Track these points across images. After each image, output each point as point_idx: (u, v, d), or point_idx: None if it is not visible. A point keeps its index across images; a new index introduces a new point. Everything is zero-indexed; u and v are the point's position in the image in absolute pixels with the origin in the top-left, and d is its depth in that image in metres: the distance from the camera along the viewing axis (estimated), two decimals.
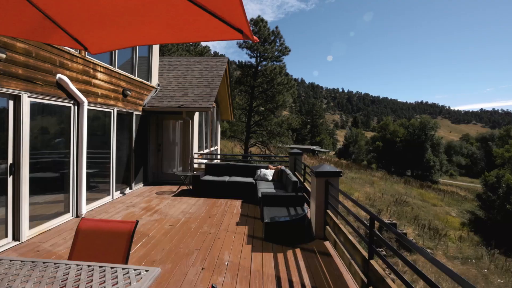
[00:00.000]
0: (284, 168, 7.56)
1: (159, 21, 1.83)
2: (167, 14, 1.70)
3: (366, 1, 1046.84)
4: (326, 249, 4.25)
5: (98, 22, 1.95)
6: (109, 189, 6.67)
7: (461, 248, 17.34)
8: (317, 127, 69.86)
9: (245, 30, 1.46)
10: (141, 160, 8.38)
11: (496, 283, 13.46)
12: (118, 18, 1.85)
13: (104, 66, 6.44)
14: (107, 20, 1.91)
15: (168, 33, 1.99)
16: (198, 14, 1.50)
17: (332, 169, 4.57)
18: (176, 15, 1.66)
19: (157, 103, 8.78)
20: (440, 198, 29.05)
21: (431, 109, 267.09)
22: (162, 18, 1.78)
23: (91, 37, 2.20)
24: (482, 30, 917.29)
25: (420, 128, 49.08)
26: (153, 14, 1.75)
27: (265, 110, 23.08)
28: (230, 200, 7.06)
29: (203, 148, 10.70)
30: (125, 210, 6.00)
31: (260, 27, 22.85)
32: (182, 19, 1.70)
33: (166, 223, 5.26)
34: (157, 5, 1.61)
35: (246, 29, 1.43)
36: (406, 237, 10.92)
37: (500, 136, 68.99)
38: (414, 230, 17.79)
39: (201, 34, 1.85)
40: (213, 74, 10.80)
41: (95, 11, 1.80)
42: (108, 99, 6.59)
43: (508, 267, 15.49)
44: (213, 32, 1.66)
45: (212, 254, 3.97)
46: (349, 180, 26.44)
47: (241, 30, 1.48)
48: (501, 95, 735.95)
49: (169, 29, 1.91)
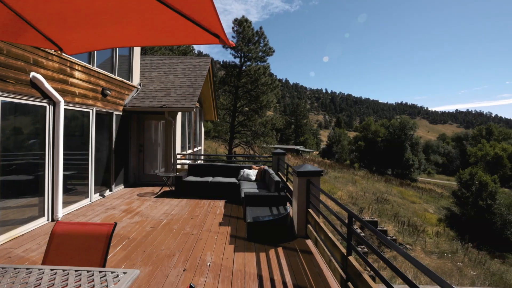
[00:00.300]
0: (267, 168, 7.61)
1: (136, 24, 1.83)
2: (144, 18, 1.70)
3: (348, 4, 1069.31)
4: (307, 247, 4.33)
5: (74, 23, 1.92)
6: (87, 192, 6.47)
7: (438, 243, 18.08)
8: (301, 127, 70.67)
9: (221, 35, 1.49)
10: (122, 161, 8.18)
11: (469, 275, 14.12)
12: (95, 19, 1.83)
13: (82, 64, 6.25)
14: (83, 21, 1.89)
15: (145, 36, 1.98)
16: (175, 18, 1.51)
17: (313, 169, 4.65)
18: (153, 19, 1.66)
19: (138, 103, 8.60)
20: (419, 195, 30.14)
21: (410, 110, 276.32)
22: (139, 21, 1.78)
23: (66, 38, 2.16)
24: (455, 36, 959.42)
25: (400, 128, 50.73)
26: (130, 17, 1.74)
27: (249, 110, 23.10)
28: (213, 201, 7.03)
29: (186, 149, 10.58)
30: (104, 212, 5.85)
31: (244, 27, 22.86)
32: (159, 23, 1.70)
33: (148, 225, 5.17)
34: (134, 9, 1.61)
35: (222, 34, 1.47)
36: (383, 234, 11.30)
37: (473, 136, 72.57)
38: (395, 227, 18.38)
39: (178, 38, 1.85)
40: (196, 74, 10.71)
41: (71, 12, 1.77)
42: (86, 99, 6.40)
43: (480, 260, 16.29)
44: (190, 36, 1.67)
45: (194, 255, 3.94)
46: (332, 179, 26.93)
47: (217, 35, 1.51)
48: (474, 97, 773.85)
49: (146, 32, 1.91)
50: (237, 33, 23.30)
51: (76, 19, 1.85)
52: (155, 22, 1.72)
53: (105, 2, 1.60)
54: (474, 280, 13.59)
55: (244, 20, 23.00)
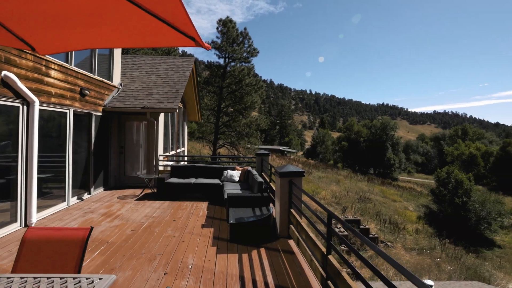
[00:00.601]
0: (250, 169, 7.62)
1: (111, 26, 1.80)
2: (120, 20, 1.68)
3: (331, 7, 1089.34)
4: (290, 247, 4.36)
5: (46, 22, 1.87)
6: (64, 195, 6.24)
7: (418, 240, 18.71)
8: (286, 127, 71.28)
9: (196, 38, 1.49)
10: (102, 163, 7.95)
11: (447, 270, 14.70)
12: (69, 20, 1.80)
13: (59, 63, 6.03)
14: (57, 22, 1.85)
15: (121, 38, 1.95)
16: (151, 21, 1.50)
17: (295, 169, 4.69)
18: (129, 21, 1.65)
19: (119, 104, 8.39)
20: (399, 194, 31.07)
21: (391, 111, 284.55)
22: (115, 23, 1.75)
23: (39, 37, 2.10)
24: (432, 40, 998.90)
25: (381, 128, 52.14)
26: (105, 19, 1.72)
27: (234, 111, 23.05)
28: (196, 202, 6.97)
29: (169, 150, 10.42)
30: (82, 216, 5.66)
31: (229, 28, 22.81)
32: (134, 25, 1.69)
33: (128, 228, 5.05)
34: (109, 11, 1.58)
35: (197, 37, 1.48)
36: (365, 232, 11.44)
37: (450, 136, 75.71)
38: (376, 225, 18.85)
39: (154, 40, 1.84)
40: (179, 74, 10.57)
41: (43, 12, 1.72)
42: (63, 99, 6.18)
43: (456, 255, 16.99)
44: (166, 38, 1.67)
45: (175, 258, 3.89)
46: (317, 179, 27.30)
47: (193, 38, 1.51)
48: (451, 99, 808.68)
49: (122, 34, 1.88)
50: (221, 33, 23.22)
51: (48, 19, 1.81)
52: (130, 24, 1.70)
53: (79, 3, 1.57)
54: (451, 275, 14.16)
55: (228, 20, 22.94)
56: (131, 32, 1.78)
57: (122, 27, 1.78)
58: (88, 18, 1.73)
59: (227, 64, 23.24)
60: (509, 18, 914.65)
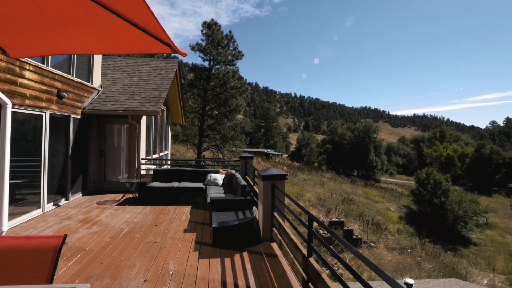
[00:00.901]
0: (234, 172, 7.59)
1: (87, 31, 1.77)
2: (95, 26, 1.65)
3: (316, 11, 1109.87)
4: (272, 250, 4.37)
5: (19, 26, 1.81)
6: (39, 201, 5.99)
7: (399, 239, 19.21)
8: (271, 130, 71.71)
9: (171, 44, 1.49)
10: (80, 168, 7.69)
11: (426, 268, 15.15)
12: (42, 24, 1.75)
13: (35, 64, 5.81)
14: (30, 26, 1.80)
15: (97, 44, 1.92)
16: (125, 26, 1.49)
17: (278, 173, 4.72)
18: (102, 26, 1.62)
19: (99, 106, 8.17)
20: (382, 195, 31.85)
21: (374, 114, 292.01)
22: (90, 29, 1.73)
23: (11, 41, 2.04)
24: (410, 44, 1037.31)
25: (364, 131, 53.38)
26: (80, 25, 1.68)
27: (219, 113, 22.96)
28: (179, 207, 6.86)
29: (151, 153, 10.23)
30: (58, 223, 5.44)
31: (214, 30, 22.75)
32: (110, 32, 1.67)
33: (107, 235, 4.90)
34: (83, 16, 1.56)
35: (171, 43, 1.48)
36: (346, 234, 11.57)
37: (429, 138, 78.61)
38: (360, 226, 19.22)
39: (130, 46, 1.82)
40: (162, 76, 10.43)
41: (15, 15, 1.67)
42: (39, 101, 5.95)
43: (435, 254, 17.57)
44: (142, 44, 1.65)
45: (156, 264, 3.80)
46: (301, 181, 27.55)
47: (169, 44, 1.51)
48: (429, 102, 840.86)
49: (98, 40, 1.86)
50: (206, 36, 23.12)
51: (21, 22, 1.75)
52: (105, 30, 1.67)
53: (52, 8, 1.52)
54: (430, 273, 14.61)
55: (213, 23, 22.89)
56: (106, 38, 1.75)
57: (96, 32, 1.75)
58: (62, 23, 1.69)
59: (212, 67, 23.15)
60: (482, 27, 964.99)
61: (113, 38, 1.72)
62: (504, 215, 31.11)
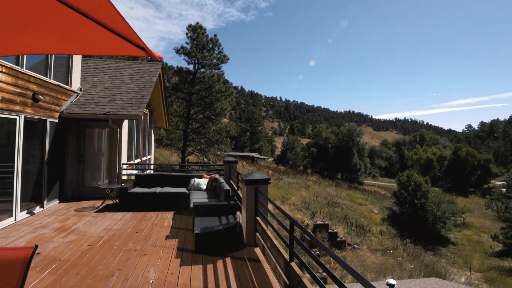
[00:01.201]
0: (218, 176, 7.53)
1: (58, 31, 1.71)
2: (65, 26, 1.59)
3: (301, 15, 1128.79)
4: (256, 255, 4.34)
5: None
6: (11, 209, 5.69)
7: (382, 241, 19.62)
8: (256, 134, 71.84)
9: (146, 48, 1.47)
10: (57, 174, 7.40)
11: (408, 268, 15.52)
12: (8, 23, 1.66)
13: (7, 66, 5.56)
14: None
15: (68, 45, 1.86)
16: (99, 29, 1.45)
17: (261, 177, 4.71)
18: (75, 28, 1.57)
19: (78, 110, 7.91)
20: (365, 197, 32.47)
21: (357, 118, 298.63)
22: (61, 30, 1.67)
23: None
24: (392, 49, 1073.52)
25: (348, 135, 54.44)
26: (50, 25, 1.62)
27: (203, 117, 22.77)
28: (161, 213, 6.71)
29: (133, 158, 9.99)
30: (32, 233, 5.19)
31: (199, 34, 22.64)
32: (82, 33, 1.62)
33: (84, 243, 4.72)
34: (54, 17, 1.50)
35: (147, 47, 1.45)
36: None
37: (409, 141, 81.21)
38: (344, 229, 19.47)
39: (104, 48, 1.77)
40: (145, 80, 10.25)
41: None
42: (12, 104, 5.69)
43: (416, 254, 18.05)
44: (117, 47, 1.61)
45: (135, 273, 3.69)
46: (287, 185, 27.68)
47: (144, 48, 1.48)
48: (410, 107, 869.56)
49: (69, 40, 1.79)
50: (191, 39, 22.97)
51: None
52: (77, 32, 1.62)
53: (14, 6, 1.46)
54: (412, 273, 14.97)
55: (198, 26, 22.79)
56: (79, 39, 1.70)
57: (69, 33, 1.69)
58: (30, 23, 1.62)
59: (197, 70, 22.99)
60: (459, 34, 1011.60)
61: (81, 38, 1.67)
62: (479, 214, 32.47)
